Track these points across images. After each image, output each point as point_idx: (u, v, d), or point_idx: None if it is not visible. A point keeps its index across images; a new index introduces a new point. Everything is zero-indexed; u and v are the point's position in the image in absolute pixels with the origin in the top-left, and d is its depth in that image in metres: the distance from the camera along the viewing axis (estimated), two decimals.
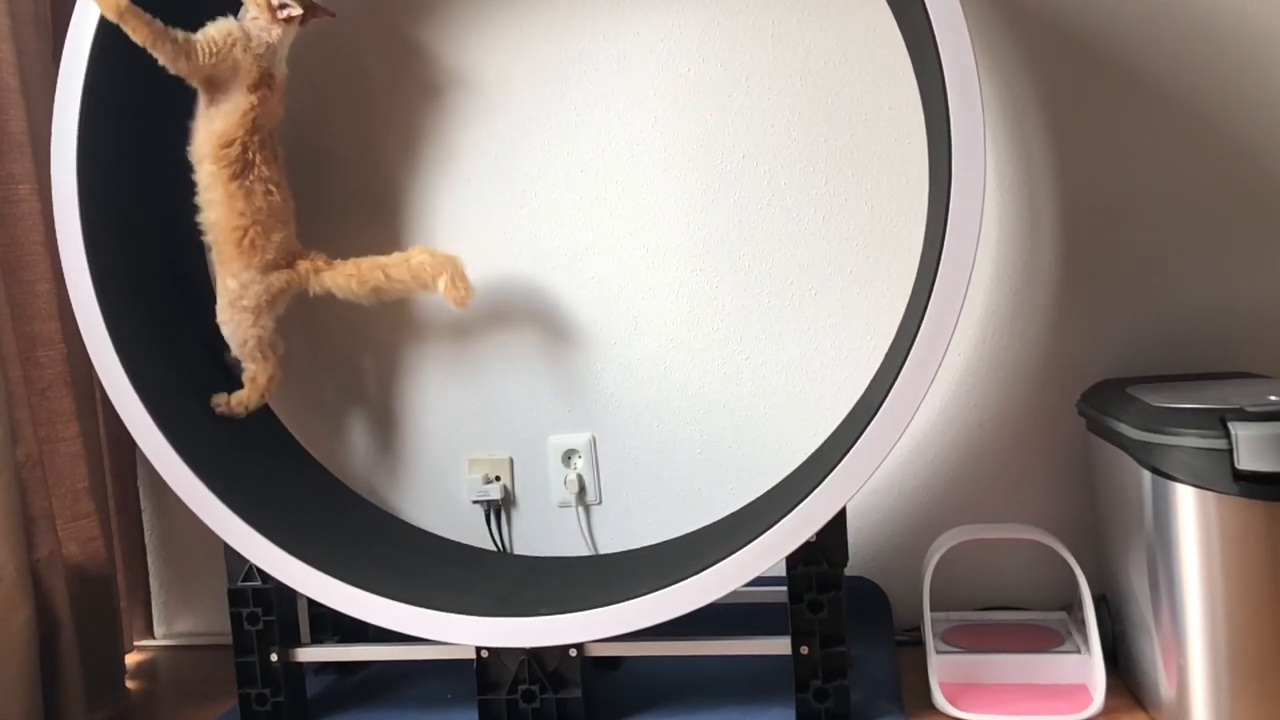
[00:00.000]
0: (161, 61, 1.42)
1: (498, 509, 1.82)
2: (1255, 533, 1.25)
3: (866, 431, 1.27)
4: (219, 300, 1.54)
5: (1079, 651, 1.48)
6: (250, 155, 1.49)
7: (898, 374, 1.26)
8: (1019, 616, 1.65)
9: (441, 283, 1.53)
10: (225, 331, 1.55)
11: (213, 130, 1.49)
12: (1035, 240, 1.66)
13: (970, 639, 1.57)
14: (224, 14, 1.50)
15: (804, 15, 1.67)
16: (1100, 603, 1.51)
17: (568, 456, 1.79)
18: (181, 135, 1.63)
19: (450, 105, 1.76)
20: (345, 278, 1.55)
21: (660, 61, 1.71)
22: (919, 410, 1.26)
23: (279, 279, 1.54)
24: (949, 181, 1.24)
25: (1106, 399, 1.47)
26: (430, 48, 1.76)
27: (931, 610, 1.56)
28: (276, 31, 1.51)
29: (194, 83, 1.48)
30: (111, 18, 1.39)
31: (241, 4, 1.52)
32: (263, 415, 1.65)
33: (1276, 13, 1.58)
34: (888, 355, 1.44)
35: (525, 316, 1.77)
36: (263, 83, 1.49)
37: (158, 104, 1.58)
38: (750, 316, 1.73)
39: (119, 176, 1.51)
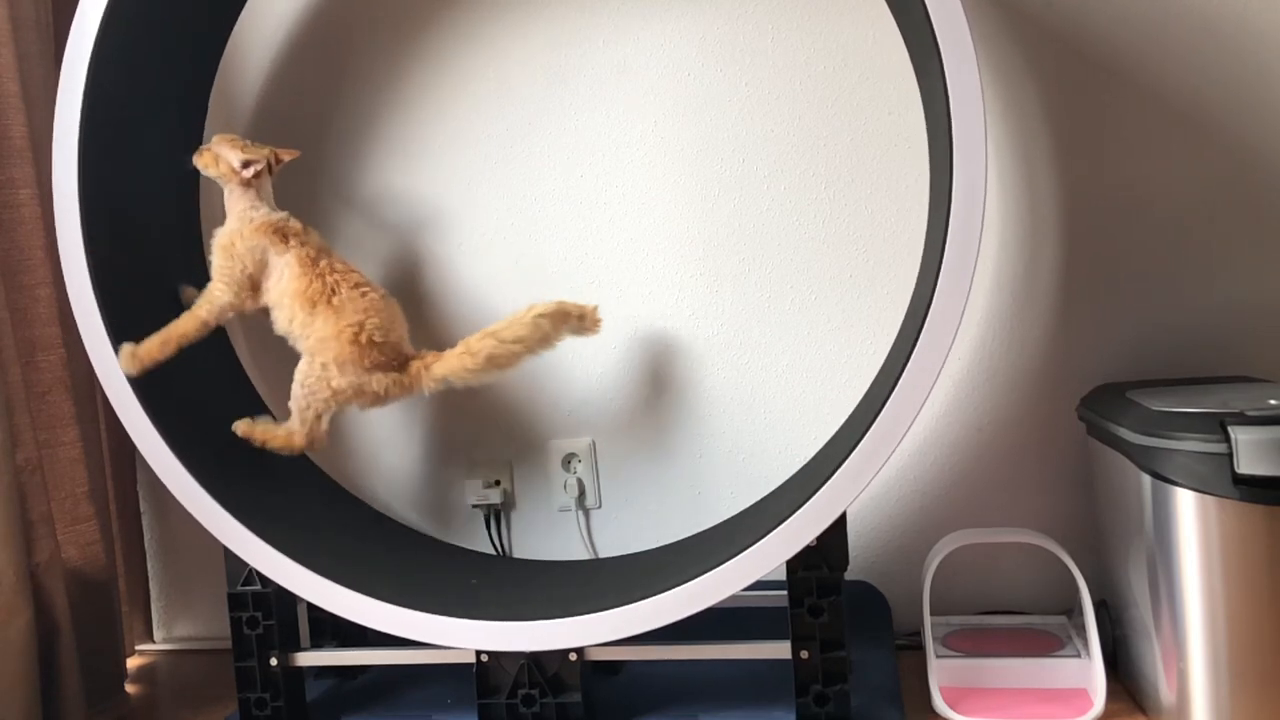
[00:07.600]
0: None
1: (498, 513, 1.82)
2: (1255, 537, 1.25)
3: (867, 436, 1.27)
4: (306, 359, 1.47)
5: (1079, 656, 1.48)
6: (328, 278, 1.47)
7: (898, 378, 1.26)
8: (1019, 621, 1.65)
9: (567, 330, 1.48)
10: (296, 389, 1.48)
11: (287, 299, 1.47)
12: (1036, 244, 1.66)
13: (970, 643, 1.56)
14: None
15: (803, 19, 1.67)
16: (1100, 607, 1.51)
17: (568, 460, 1.79)
18: (182, 139, 1.64)
19: (450, 110, 1.76)
20: (457, 358, 1.46)
21: (660, 66, 1.71)
22: (919, 414, 1.26)
23: (378, 382, 1.46)
24: (950, 185, 1.23)
25: (1106, 403, 1.47)
26: (431, 53, 1.76)
27: (931, 614, 1.56)
28: (251, 193, 1.49)
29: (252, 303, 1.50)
30: (171, 349, 1.45)
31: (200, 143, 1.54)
32: None
33: (1278, 15, 1.58)
34: (888, 359, 1.44)
35: None
36: (283, 233, 1.48)
37: (158, 108, 1.58)
38: (750, 320, 1.73)
39: (120, 181, 1.51)
